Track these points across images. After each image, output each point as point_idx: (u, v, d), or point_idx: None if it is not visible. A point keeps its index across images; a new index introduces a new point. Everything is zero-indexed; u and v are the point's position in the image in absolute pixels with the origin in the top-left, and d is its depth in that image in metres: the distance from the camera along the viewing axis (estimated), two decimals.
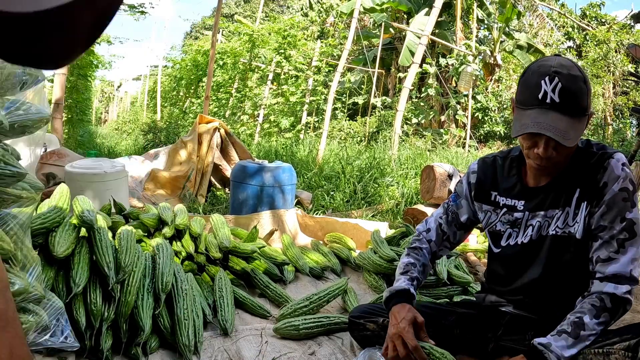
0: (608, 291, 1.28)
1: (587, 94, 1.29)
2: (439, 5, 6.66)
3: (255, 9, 20.46)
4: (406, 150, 6.97)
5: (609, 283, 1.29)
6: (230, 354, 1.73)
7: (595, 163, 1.36)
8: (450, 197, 1.67)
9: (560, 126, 1.25)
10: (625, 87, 10.55)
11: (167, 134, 9.89)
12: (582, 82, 1.28)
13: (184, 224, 2.43)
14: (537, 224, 1.45)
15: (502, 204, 1.52)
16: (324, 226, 3.27)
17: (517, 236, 1.49)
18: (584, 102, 1.29)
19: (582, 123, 1.29)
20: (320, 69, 10.66)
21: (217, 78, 12.47)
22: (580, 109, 1.28)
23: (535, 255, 1.46)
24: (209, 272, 2.29)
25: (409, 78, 6.75)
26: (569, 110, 1.26)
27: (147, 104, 20.61)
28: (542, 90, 1.27)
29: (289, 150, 7.37)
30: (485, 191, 1.56)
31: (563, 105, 1.26)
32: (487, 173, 1.57)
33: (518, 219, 1.48)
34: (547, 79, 1.26)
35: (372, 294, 2.45)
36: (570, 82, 1.26)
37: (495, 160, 1.58)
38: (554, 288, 1.43)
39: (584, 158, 1.39)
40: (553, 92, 1.25)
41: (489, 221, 1.56)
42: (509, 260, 1.53)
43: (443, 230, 1.66)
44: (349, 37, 7.19)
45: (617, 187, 1.31)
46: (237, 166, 3.66)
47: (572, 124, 1.26)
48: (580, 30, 11.84)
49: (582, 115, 1.29)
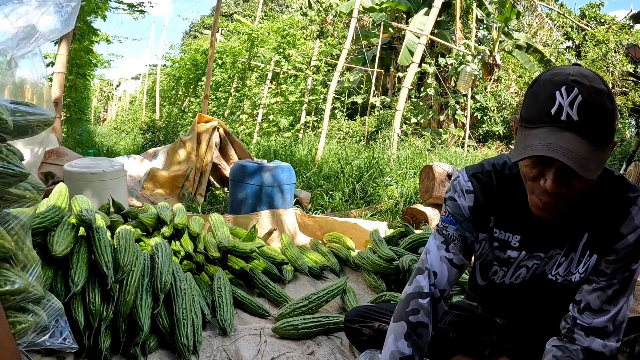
0: (596, 349, 1.14)
1: (613, 115, 0.99)
2: (438, 5, 6.66)
3: (255, 8, 20.44)
4: (405, 150, 6.97)
5: (596, 339, 1.15)
6: (229, 353, 1.73)
7: (615, 208, 1.13)
8: (444, 223, 1.30)
9: (579, 151, 0.95)
10: (624, 88, 10.56)
11: (166, 133, 9.88)
12: (607, 98, 0.97)
13: (182, 224, 2.42)
14: (533, 266, 1.26)
15: (496, 236, 1.27)
16: (323, 226, 3.26)
17: (505, 276, 1.30)
18: (610, 123, 0.98)
19: (605, 153, 0.99)
20: (320, 68, 10.66)
21: (216, 77, 12.47)
22: (605, 133, 0.98)
23: (528, 293, 1.31)
24: (207, 272, 2.29)
25: (408, 78, 6.75)
26: (591, 132, 0.96)
27: (146, 103, 20.59)
28: (556, 103, 0.97)
29: (288, 149, 7.37)
30: (483, 217, 1.27)
31: (583, 124, 0.96)
32: (485, 195, 1.25)
33: (511, 259, 1.27)
34: (563, 90, 0.96)
35: (371, 293, 2.45)
36: (593, 97, 0.96)
37: (490, 178, 1.25)
38: (545, 318, 1.35)
39: (601, 196, 1.14)
40: (571, 107, 0.96)
41: (483, 252, 1.32)
42: (493, 295, 1.40)
43: (456, 264, 1.27)
44: (348, 37, 7.19)
45: (634, 238, 1.12)
46: (236, 165, 3.66)
47: (594, 152, 0.96)
48: (580, 30, 11.85)
49: (607, 143, 0.99)
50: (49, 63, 9.04)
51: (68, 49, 5.30)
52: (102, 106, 31.74)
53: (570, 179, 1.01)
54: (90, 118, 18.72)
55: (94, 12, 7.97)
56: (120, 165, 3.33)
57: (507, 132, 10.82)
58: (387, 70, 12.24)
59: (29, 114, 1.35)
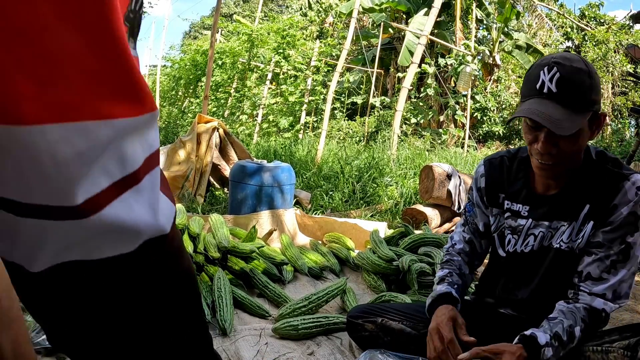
0: (597, 307, 1.27)
1: (591, 89, 1.21)
2: (438, 5, 6.66)
3: (255, 8, 20.45)
4: (405, 150, 6.97)
5: (597, 298, 1.28)
6: (229, 354, 1.73)
7: (609, 182, 1.30)
8: (466, 206, 1.61)
9: (555, 115, 1.18)
10: (624, 88, 10.56)
11: (165, 133, 9.89)
12: (586, 75, 1.21)
13: (182, 224, 2.42)
14: (539, 234, 1.40)
15: (507, 207, 1.47)
16: (322, 226, 3.26)
17: (516, 244, 1.45)
18: (586, 94, 1.21)
19: (582, 116, 1.21)
20: (319, 68, 10.66)
21: (216, 78, 12.46)
22: (581, 101, 1.21)
23: (537, 267, 1.42)
24: (207, 272, 2.29)
25: (407, 78, 6.75)
26: (568, 101, 1.20)
27: None
28: (540, 80, 1.22)
29: (287, 150, 7.37)
30: (494, 194, 1.50)
31: (561, 95, 1.20)
32: (495, 175, 1.50)
33: (520, 226, 1.44)
34: (545, 69, 1.21)
35: (371, 293, 2.45)
36: (570, 73, 1.20)
37: (502, 160, 1.51)
38: (553, 299, 1.40)
39: (598, 173, 1.33)
40: (550, 82, 1.20)
41: (498, 224, 1.51)
42: (510, 268, 1.50)
43: (469, 241, 1.59)
44: (348, 37, 7.19)
45: (627, 211, 1.27)
46: (236, 166, 3.66)
47: (569, 116, 1.19)
48: (579, 30, 11.85)
49: (584, 109, 1.21)
50: None
51: None
52: None
53: (557, 141, 1.23)
54: None
55: None
56: None
57: (507, 133, 10.83)
58: (387, 71, 12.24)
59: None
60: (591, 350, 1.24)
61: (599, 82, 1.26)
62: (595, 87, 1.23)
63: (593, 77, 1.22)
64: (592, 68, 1.23)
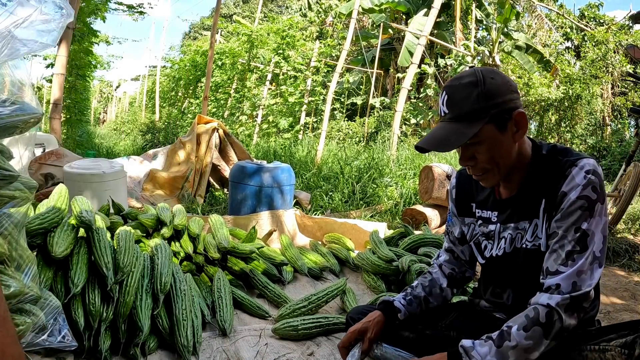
0: (542, 302, 1.20)
1: (480, 97, 1.24)
2: (438, 5, 6.66)
3: (254, 9, 20.46)
4: (405, 151, 6.97)
5: (544, 294, 1.21)
6: (228, 354, 1.73)
7: (557, 172, 1.29)
8: (448, 217, 1.66)
9: (440, 135, 1.26)
10: (623, 88, 10.56)
11: (165, 134, 9.90)
12: (474, 86, 1.25)
13: (182, 225, 2.43)
14: (509, 236, 1.41)
15: (478, 215, 1.51)
16: (322, 226, 3.27)
17: (492, 248, 1.47)
18: (474, 105, 1.24)
19: (473, 126, 1.24)
20: (319, 69, 10.66)
21: (215, 78, 12.47)
22: (468, 113, 1.25)
23: (513, 269, 1.42)
24: (207, 273, 2.29)
25: (407, 78, 6.75)
26: (454, 117, 1.27)
27: (146, 105, 20.60)
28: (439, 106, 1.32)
29: (287, 150, 7.37)
30: (465, 204, 1.55)
31: (449, 114, 1.27)
32: (465, 185, 1.55)
33: (492, 231, 1.46)
34: (440, 95, 1.30)
35: (370, 294, 2.45)
36: (456, 91, 1.27)
37: None
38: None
39: (549, 166, 1.32)
40: (443, 105, 1.29)
41: (473, 233, 1.54)
42: (493, 273, 1.51)
43: (449, 250, 1.64)
44: (347, 38, 7.19)
45: (575, 195, 1.23)
46: (235, 166, 3.66)
47: (457, 130, 1.25)
48: (579, 30, 11.85)
49: (475, 119, 1.24)
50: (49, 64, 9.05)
51: (68, 50, 5.31)
52: (102, 107, 31.75)
53: (472, 153, 1.30)
54: (90, 119, 18.73)
55: (94, 13, 7.99)
56: (120, 166, 3.33)
57: None
58: (387, 71, 12.24)
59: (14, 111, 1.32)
60: (588, 350, 1.23)
61: (501, 86, 1.26)
62: (487, 93, 1.24)
63: (484, 84, 1.25)
64: (486, 76, 1.26)
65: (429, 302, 1.58)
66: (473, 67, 1.35)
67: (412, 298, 1.56)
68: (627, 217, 4.15)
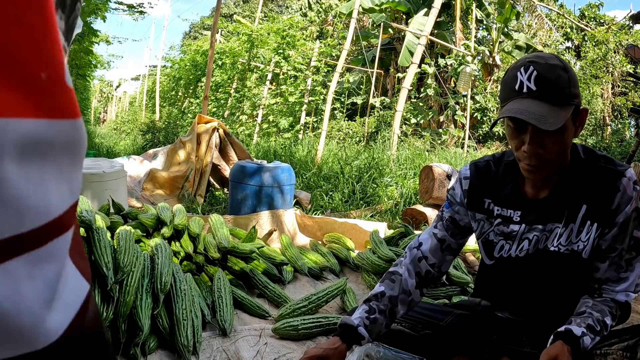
0: (620, 300, 1.31)
1: (570, 82, 1.20)
2: (438, 5, 6.66)
3: (254, 9, 20.45)
4: (405, 151, 6.97)
5: (619, 293, 1.31)
6: (229, 354, 1.73)
7: (604, 181, 1.28)
8: (443, 205, 1.55)
9: (538, 111, 1.16)
10: (624, 88, 10.55)
11: (165, 134, 9.89)
12: (562, 70, 1.20)
13: (182, 224, 2.42)
14: (534, 237, 1.37)
15: (497, 213, 1.42)
16: (322, 226, 3.26)
17: (511, 249, 1.42)
18: (565, 89, 1.20)
19: (565, 111, 1.19)
20: (319, 69, 10.65)
21: (215, 78, 12.46)
22: (561, 95, 1.19)
23: (533, 270, 1.40)
24: (207, 272, 2.29)
25: (407, 78, 6.75)
26: (548, 96, 1.18)
27: (146, 104, 20.59)
28: (518, 81, 1.21)
29: (287, 150, 7.37)
30: (478, 199, 1.45)
31: (540, 92, 1.18)
32: (480, 179, 1.45)
33: (514, 232, 1.39)
34: (522, 69, 1.20)
35: None
36: (547, 70, 1.19)
37: (488, 165, 1.46)
38: (550, 301, 1.40)
39: (589, 171, 1.30)
40: (529, 81, 1.19)
41: (482, 230, 1.47)
42: (502, 273, 1.47)
43: (441, 239, 1.50)
44: (347, 38, 7.19)
45: (630, 209, 1.27)
46: (235, 166, 3.66)
47: (552, 111, 1.17)
48: (579, 30, 11.85)
49: (566, 104, 1.20)
50: None
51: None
52: (102, 107, 31.77)
53: (543, 140, 1.21)
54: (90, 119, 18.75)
55: (94, 12, 7.98)
56: (120, 166, 3.33)
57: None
58: (387, 71, 12.23)
59: None
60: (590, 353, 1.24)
61: (576, 77, 1.25)
62: (573, 80, 1.22)
63: (569, 71, 1.22)
64: (566, 63, 1.23)
65: (396, 313, 1.45)
66: (553, 54, 1.29)
67: (376, 316, 1.39)
68: None
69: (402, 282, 1.45)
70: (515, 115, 1.17)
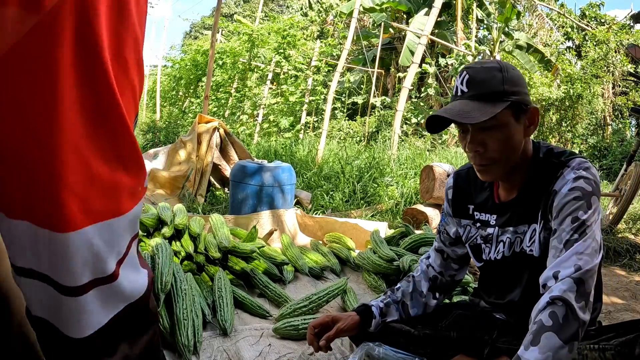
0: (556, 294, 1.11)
1: (504, 80, 1.25)
2: (439, 5, 6.66)
3: (255, 8, 20.44)
4: (405, 150, 6.96)
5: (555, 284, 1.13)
6: (229, 354, 1.73)
7: (550, 174, 1.29)
8: (441, 217, 1.63)
9: (462, 107, 1.23)
10: (624, 87, 10.55)
11: (166, 133, 9.89)
12: (497, 70, 1.26)
13: (183, 224, 2.43)
14: (507, 240, 1.40)
15: (477, 218, 1.48)
16: (323, 226, 3.27)
17: (490, 252, 1.45)
18: (497, 86, 1.24)
19: (494, 107, 1.22)
20: (320, 68, 10.65)
21: (216, 78, 12.45)
22: (491, 93, 1.24)
23: (513, 273, 1.41)
24: (208, 272, 2.29)
25: (408, 78, 6.75)
26: (477, 95, 1.25)
27: (147, 104, 20.58)
28: (455, 86, 1.30)
29: (288, 150, 7.36)
30: (462, 206, 1.52)
31: (471, 92, 1.26)
32: (462, 186, 1.52)
33: (490, 235, 1.44)
34: (459, 76, 1.30)
35: (371, 294, 2.45)
36: (479, 72, 1.26)
37: (469, 172, 1.51)
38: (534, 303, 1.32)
39: (545, 168, 1.32)
40: (462, 84, 1.27)
41: (469, 235, 1.51)
42: (491, 275, 1.51)
43: (442, 250, 1.60)
44: (348, 37, 7.19)
45: (567, 189, 1.22)
46: (236, 166, 3.66)
47: (480, 107, 1.22)
48: (580, 30, 11.84)
49: (497, 100, 1.23)
50: None
51: None
52: None
53: (483, 138, 1.26)
54: None
55: None
56: None
57: None
58: (388, 71, 12.24)
59: None
60: (588, 349, 1.22)
61: (520, 78, 1.29)
62: (511, 79, 1.26)
63: (507, 71, 1.26)
64: (507, 65, 1.29)
65: (408, 308, 1.56)
66: (498, 61, 1.35)
67: (390, 301, 1.55)
68: (628, 217, 4.15)
69: (416, 282, 1.59)
70: (438, 114, 1.26)
